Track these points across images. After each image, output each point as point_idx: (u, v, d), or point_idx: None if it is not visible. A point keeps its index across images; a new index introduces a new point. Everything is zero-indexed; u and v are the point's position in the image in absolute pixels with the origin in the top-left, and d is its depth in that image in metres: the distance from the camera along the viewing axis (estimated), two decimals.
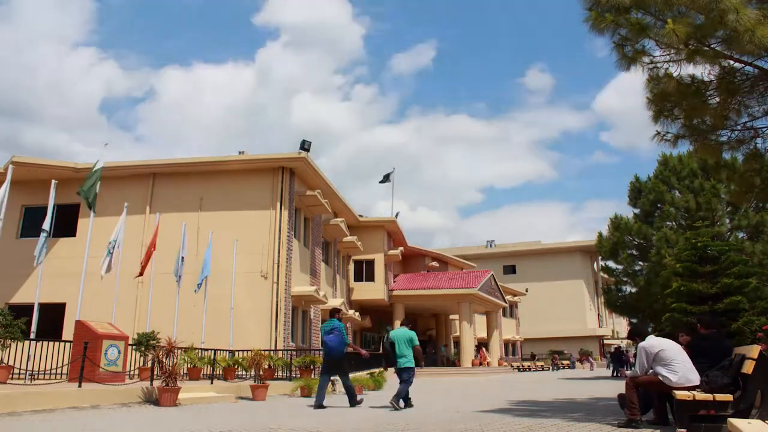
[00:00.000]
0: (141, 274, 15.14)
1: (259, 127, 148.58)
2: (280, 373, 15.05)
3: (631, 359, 34.04)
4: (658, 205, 26.30)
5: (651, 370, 6.35)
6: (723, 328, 14.88)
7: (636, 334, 7.14)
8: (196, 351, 13.21)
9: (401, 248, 31.92)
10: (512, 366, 39.40)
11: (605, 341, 59.21)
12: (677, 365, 6.16)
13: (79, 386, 9.28)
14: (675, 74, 7.43)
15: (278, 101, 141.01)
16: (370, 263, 29.89)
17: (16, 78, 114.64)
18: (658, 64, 7.42)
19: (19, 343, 10.64)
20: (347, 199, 25.80)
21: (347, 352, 10.34)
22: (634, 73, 7.39)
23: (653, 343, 6.44)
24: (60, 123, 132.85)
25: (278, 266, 18.98)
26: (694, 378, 6.10)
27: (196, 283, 16.04)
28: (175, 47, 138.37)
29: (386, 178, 35.54)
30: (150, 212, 19.52)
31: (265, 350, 13.65)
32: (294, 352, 16.40)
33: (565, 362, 46.01)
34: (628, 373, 14.56)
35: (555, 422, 7.22)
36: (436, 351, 37.94)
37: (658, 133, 8.59)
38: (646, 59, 7.37)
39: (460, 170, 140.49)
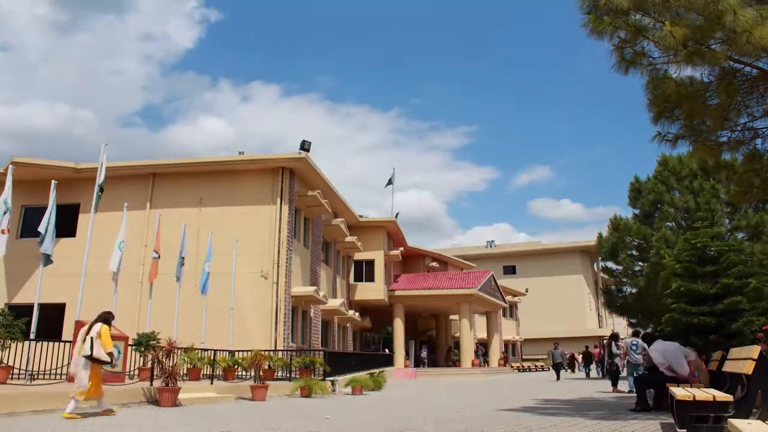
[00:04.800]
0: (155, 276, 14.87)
1: None
2: (280, 374, 15.05)
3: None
4: (658, 206, 26.29)
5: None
6: (723, 329, 14.83)
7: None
8: (196, 351, 13.22)
9: (401, 248, 31.94)
10: (512, 366, 39.42)
11: (605, 342, 59.20)
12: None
13: None
14: (674, 75, 7.44)
15: None
16: (370, 263, 29.90)
17: None
18: (657, 66, 7.43)
19: (19, 343, 10.66)
20: (347, 200, 25.84)
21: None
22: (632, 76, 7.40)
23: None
24: None
25: (278, 266, 18.98)
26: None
27: (196, 283, 16.02)
28: None
29: (389, 182, 35.85)
30: (150, 213, 19.53)
31: (265, 350, 13.67)
32: (294, 353, 16.41)
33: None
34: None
35: (554, 422, 7.22)
36: (436, 353, 37.93)
37: (659, 133, 8.60)
38: (645, 61, 7.37)
39: None
